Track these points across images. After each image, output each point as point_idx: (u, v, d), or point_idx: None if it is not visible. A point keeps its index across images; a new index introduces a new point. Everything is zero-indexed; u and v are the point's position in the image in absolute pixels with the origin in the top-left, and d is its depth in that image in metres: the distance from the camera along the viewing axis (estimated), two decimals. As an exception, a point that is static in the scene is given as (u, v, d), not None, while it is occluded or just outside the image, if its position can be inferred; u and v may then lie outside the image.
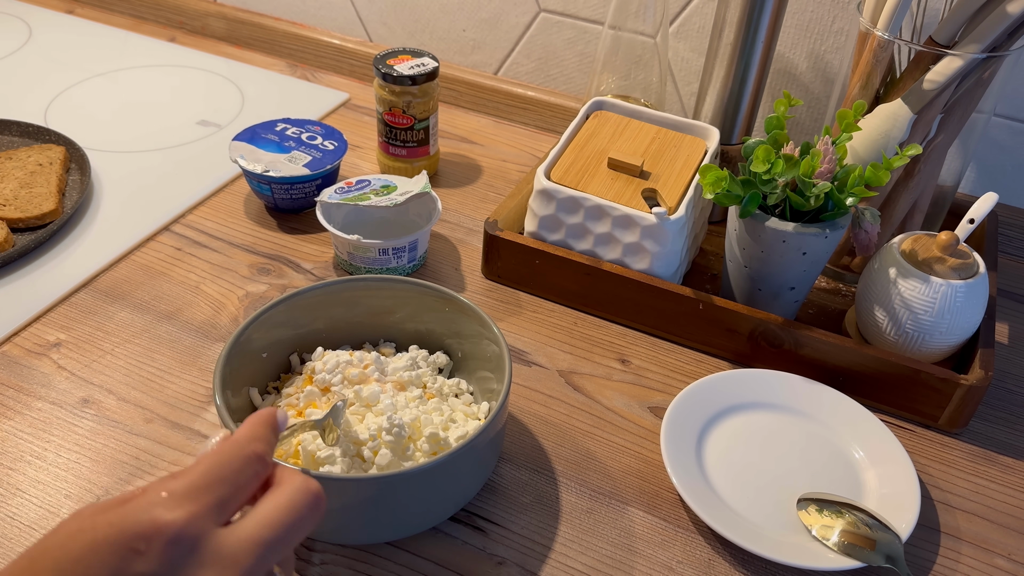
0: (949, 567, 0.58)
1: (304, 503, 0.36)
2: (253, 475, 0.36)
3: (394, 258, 0.76)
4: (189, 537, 0.31)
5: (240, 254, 0.80)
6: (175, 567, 0.31)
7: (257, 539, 0.33)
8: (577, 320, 0.75)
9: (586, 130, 0.78)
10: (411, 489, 0.52)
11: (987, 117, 0.73)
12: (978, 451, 0.66)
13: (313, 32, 1.11)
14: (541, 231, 0.75)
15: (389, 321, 0.66)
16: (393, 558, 0.55)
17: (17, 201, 0.80)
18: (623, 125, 0.79)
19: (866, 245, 0.70)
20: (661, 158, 0.75)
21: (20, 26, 1.17)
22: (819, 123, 0.92)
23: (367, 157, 0.95)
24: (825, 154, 0.65)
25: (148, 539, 0.30)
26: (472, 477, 0.57)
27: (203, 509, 0.33)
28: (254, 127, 0.86)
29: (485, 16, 1.03)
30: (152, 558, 0.30)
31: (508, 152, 0.98)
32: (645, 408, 0.68)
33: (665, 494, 0.61)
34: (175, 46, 1.15)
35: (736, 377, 0.67)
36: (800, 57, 0.90)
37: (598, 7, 0.96)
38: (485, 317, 0.60)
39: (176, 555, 0.31)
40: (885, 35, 0.68)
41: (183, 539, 0.31)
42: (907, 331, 0.66)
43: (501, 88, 1.03)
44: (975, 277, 0.66)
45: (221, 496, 0.34)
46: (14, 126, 0.92)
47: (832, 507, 0.58)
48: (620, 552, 0.57)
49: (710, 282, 0.80)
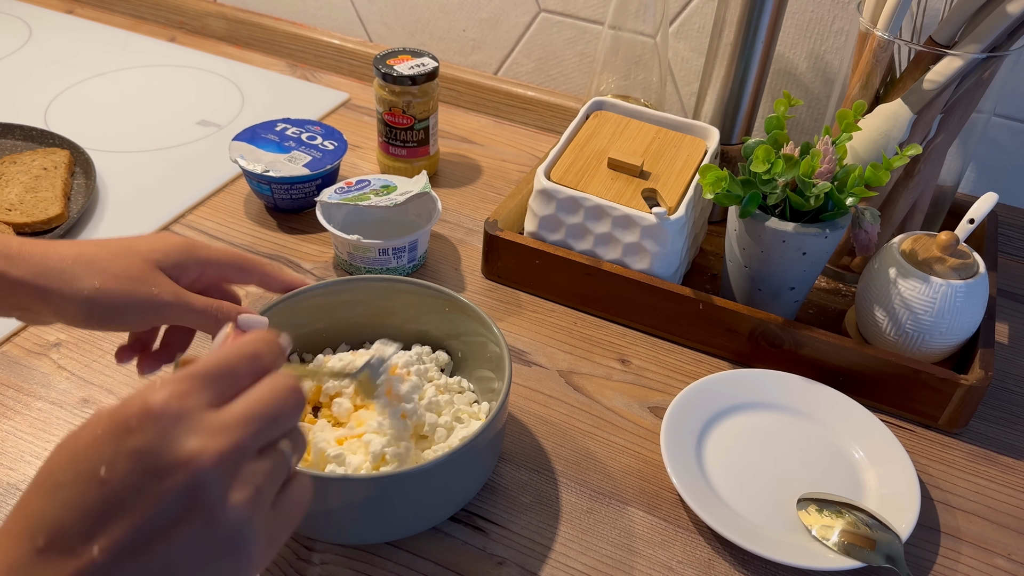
0: (949, 567, 0.58)
1: (285, 386, 0.38)
2: (249, 371, 0.38)
3: (394, 258, 0.76)
4: (174, 410, 0.34)
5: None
6: (164, 437, 0.33)
7: (245, 413, 0.36)
8: (577, 320, 0.75)
9: (586, 130, 0.78)
10: (411, 489, 0.52)
11: (987, 117, 0.73)
12: (978, 451, 0.66)
13: (313, 32, 1.11)
14: (541, 231, 0.75)
15: (389, 321, 0.66)
16: (393, 558, 0.55)
17: (23, 206, 0.80)
18: (623, 125, 0.79)
19: (866, 245, 0.70)
20: (661, 158, 0.75)
21: (20, 26, 1.17)
22: (819, 123, 0.92)
23: (367, 157, 0.95)
24: (825, 154, 0.65)
25: (139, 417, 0.33)
26: (472, 477, 0.57)
27: (190, 388, 0.35)
28: (254, 127, 0.87)
29: (485, 16, 1.03)
30: (143, 433, 0.33)
31: (508, 152, 0.98)
32: (645, 408, 0.68)
33: (665, 494, 0.61)
34: (175, 46, 1.15)
35: (736, 377, 0.67)
36: (800, 57, 0.90)
37: (598, 7, 0.96)
38: (486, 318, 0.60)
39: (163, 426, 0.33)
40: (885, 35, 0.68)
41: (168, 412, 0.34)
42: (907, 331, 0.66)
43: (501, 88, 1.03)
44: (975, 277, 0.66)
45: (212, 380, 0.36)
46: (17, 130, 0.91)
47: (832, 507, 0.58)
48: (620, 552, 0.57)
49: (710, 282, 0.80)
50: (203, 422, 0.34)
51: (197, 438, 0.34)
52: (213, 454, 0.34)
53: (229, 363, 0.38)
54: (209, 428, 0.34)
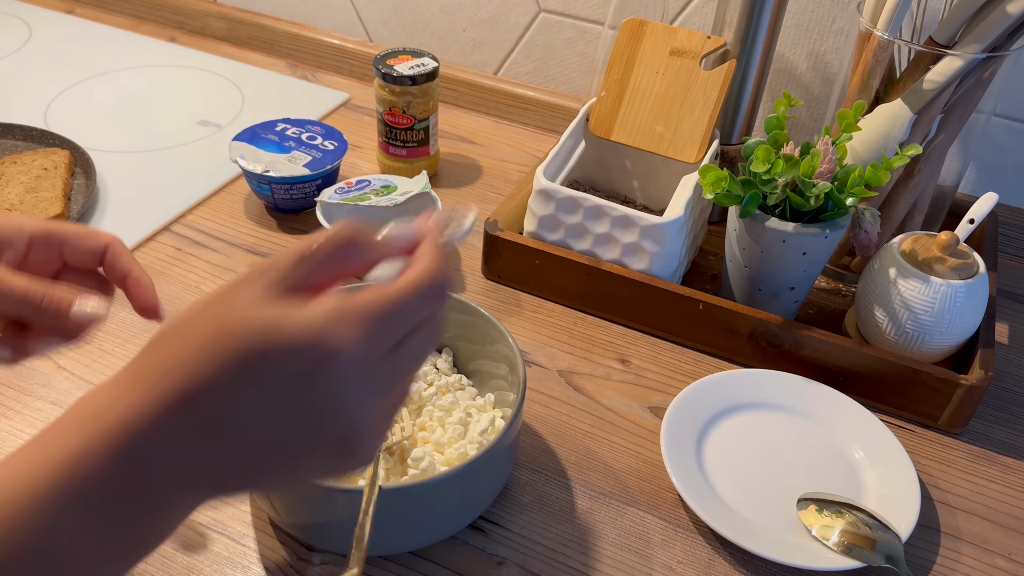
0: (949, 567, 0.58)
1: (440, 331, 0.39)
2: (430, 302, 0.37)
3: (394, 258, 0.76)
4: (358, 363, 0.34)
5: (240, 254, 0.80)
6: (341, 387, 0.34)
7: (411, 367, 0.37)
8: (577, 320, 0.75)
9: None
10: (425, 500, 0.52)
11: (987, 117, 0.73)
12: (978, 451, 0.66)
13: (313, 32, 1.11)
14: (540, 231, 0.75)
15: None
16: (393, 558, 0.55)
17: (23, 206, 0.80)
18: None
19: (866, 245, 0.70)
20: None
21: (20, 26, 1.17)
22: (819, 123, 0.92)
23: (367, 157, 0.95)
24: (825, 154, 0.65)
25: (322, 358, 0.33)
26: (488, 486, 0.57)
27: (373, 337, 0.35)
28: (254, 127, 0.87)
29: (485, 16, 1.03)
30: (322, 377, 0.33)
31: (508, 152, 0.98)
32: (645, 408, 0.68)
33: (665, 494, 0.61)
34: (175, 46, 1.15)
35: (736, 377, 0.67)
36: (800, 57, 0.90)
37: (598, 7, 0.96)
38: (500, 326, 0.60)
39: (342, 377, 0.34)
40: (885, 35, 0.68)
41: (351, 364, 0.34)
42: (907, 331, 0.66)
43: (501, 88, 1.03)
44: (975, 277, 0.66)
45: (390, 326, 0.36)
46: (18, 130, 0.91)
47: (832, 507, 0.58)
48: (620, 552, 0.57)
49: (710, 282, 0.80)
50: (376, 377, 0.35)
51: (367, 395, 0.34)
52: (374, 412, 0.35)
53: (411, 305, 0.36)
54: (380, 384, 0.35)
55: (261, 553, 0.55)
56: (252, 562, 0.55)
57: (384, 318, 0.35)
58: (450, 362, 0.65)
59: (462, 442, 0.57)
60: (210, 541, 0.56)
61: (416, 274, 0.37)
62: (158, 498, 0.33)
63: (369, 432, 0.36)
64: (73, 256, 0.47)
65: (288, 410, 0.33)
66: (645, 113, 0.77)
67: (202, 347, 0.33)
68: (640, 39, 0.77)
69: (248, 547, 0.56)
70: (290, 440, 0.34)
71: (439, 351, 0.66)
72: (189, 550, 0.55)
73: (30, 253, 0.46)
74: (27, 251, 0.46)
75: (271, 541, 0.56)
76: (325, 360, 0.33)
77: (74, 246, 0.46)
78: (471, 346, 0.64)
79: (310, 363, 0.33)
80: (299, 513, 0.53)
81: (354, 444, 0.35)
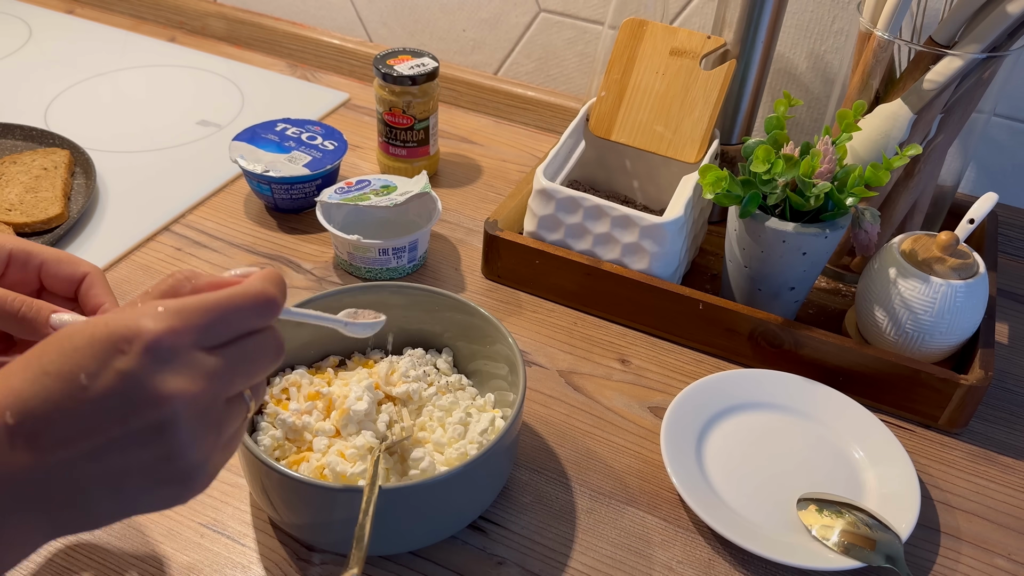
0: (949, 567, 0.58)
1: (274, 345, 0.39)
2: (245, 324, 0.38)
3: (394, 258, 0.76)
4: (167, 345, 0.35)
5: (240, 254, 0.80)
6: (150, 369, 0.34)
7: (230, 365, 0.37)
8: (577, 320, 0.75)
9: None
10: (425, 500, 0.52)
11: (987, 117, 0.73)
12: (978, 451, 0.66)
13: (313, 32, 1.11)
14: (540, 231, 0.75)
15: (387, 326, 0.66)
16: (393, 558, 0.56)
17: (23, 206, 0.80)
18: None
19: (866, 245, 0.70)
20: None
21: (20, 26, 1.17)
22: (819, 123, 0.92)
23: (367, 157, 0.95)
24: (825, 154, 0.65)
25: (130, 341, 0.34)
26: (488, 487, 0.57)
27: (186, 326, 0.36)
28: (254, 127, 0.87)
29: (485, 16, 1.03)
30: (131, 358, 0.34)
31: (508, 152, 0.98)
32: (645, 408, 0.68)
33: (665, 494, 0.61)
34: (175, 46, 1.15)
35: (736, 377, 0.67)
36: (800, 57, 0.90)
37: (598, 7, 0.96)
38: (500, 326, 0.60)
39: (151, 358, 0.35)
40: (885, 35, 0.68)
41: (160, 346, 0.35)
42: (907, 331, 0.66)
43: (501, 88, 1.03)
44: (975, 277, 0.66)
45: (209, 324, 0.37)
46: (17, 130, 0.91)
47: (832, 507, 0.58)
48: (620, 552, 0.57)
49: (710, 282, 0.80)
50: (190, 363, 0.36)
51: (180, 379, 0.35)
52: (190, 398, 0.35)
53: (230, 308, 0.38)
54: (192, 371, 0.35)
55: (261, 553, 0.55)
56: (252, 562, 0.55)
57: (199, 312, 0.36)
58: (450, 362, 0.65)
59: (462, 442, 0.57)
60: (210, 541, 0.56)
61: (241, 286, 0.39)
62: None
63: (191, 426, 0.35)
64: (51, 280, 0.47)
65: (100, 397, 0.34)
66: (645, 113, 0.77)
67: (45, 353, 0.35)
68: (640, 39, 0.77)
69: (248, 547, 0.56)
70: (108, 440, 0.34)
71: (439, 351, 0.66)
72: (189, 550, 0.55)
73: (8, 271, 0.46)
74: (5, 268, 0.46)
75: (271, 541, 0.56)
76: (130, 340, 0.34)
77: (52, 270, 0.47)
78: (471, 346, 0.64)
79: (119, 343, 0.34)
80: (299, 513, 0.53)
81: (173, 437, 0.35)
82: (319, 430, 0.57)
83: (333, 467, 0.54)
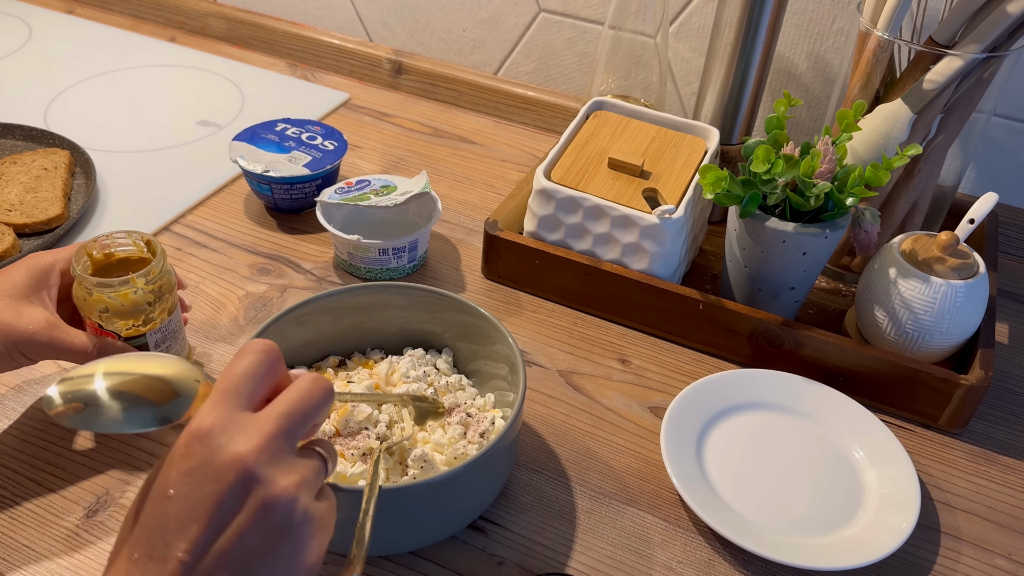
0: (949, 567, 0.58)
1: (313, 383, 0.43)
2: (271, 374, 0.43)
3: (394, 258, 0.76)
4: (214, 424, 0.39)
5: (240, 254, 0.80)
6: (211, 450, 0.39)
7: (276, 410, 0.41)
8: (577, 320, 0.75)
9: (586, 130, 0.78)
10: (425, 500, 0.52)
11: (987, 117, 0.73)
12: (978, 451, 0.66)
13: (313, 32, 1.11)
14: (540, 231, 0.75)
15: (384, 327, 0.65)
16: (392, 558, 0.56)
17: (23, 206, 0.80)
18: (623, 125, 0.79)
19: (866, 245, 0.70)
20: (661, 158, 0.75)
21: (20, 26, 1.17)
22: (819, 123, 0.92)
23: (367, 157, 0.95)
24: (825, 154, 0.65)
25: (188, 443, 0.39)
26: (488, 487, 0.57)
27: (222, 401, 0.40)
28: (254, 127, 0.86)
29: (485, 16, 1.03)
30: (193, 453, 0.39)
31: (508, 152, 0.98)
32: (645, 408, 0.68)
33: (665, 494, 0.61)
34: (175, 46, 1.15)
35: (736, 377, 0.67)
36: (800, 57, 0.90)
37: (598, 7, 0.96)
38: (500, 326, 0.60)
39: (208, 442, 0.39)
40: (885, 35, 0.68)
41: (211, 428, 0.39)
42: (907, 331, 0.67)
43: (501, 88, 1.03)
44: (975, 277, 0.66)
45: (239, 389, 0.41)
46: (17, 130, 0.91)
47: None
48: (620, 552, 0.57)
49: (710, 282, 0.80)
50: (240, 425, 0.39)
51: (237, 441, 0.39)
52: (254, 448, 0.39)
53: (252, 371, 0.42)
54: (246, 429, 0.39)
55: (261, 553, 0.55)
56: (252, 562, 0.55)
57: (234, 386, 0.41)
58: (450, 362, 0.65)
59: (462, 442, 0.57)
60: (210, 541, 0.56)
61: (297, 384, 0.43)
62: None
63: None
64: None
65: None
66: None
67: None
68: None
69: (248, 547, 0.56)
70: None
71: (439, 351, 0.66)
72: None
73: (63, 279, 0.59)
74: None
75: (271, 541, 0.56)
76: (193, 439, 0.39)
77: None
78: (471, 346, 0.64)
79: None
80: (299, 513, 0.53)
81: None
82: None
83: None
